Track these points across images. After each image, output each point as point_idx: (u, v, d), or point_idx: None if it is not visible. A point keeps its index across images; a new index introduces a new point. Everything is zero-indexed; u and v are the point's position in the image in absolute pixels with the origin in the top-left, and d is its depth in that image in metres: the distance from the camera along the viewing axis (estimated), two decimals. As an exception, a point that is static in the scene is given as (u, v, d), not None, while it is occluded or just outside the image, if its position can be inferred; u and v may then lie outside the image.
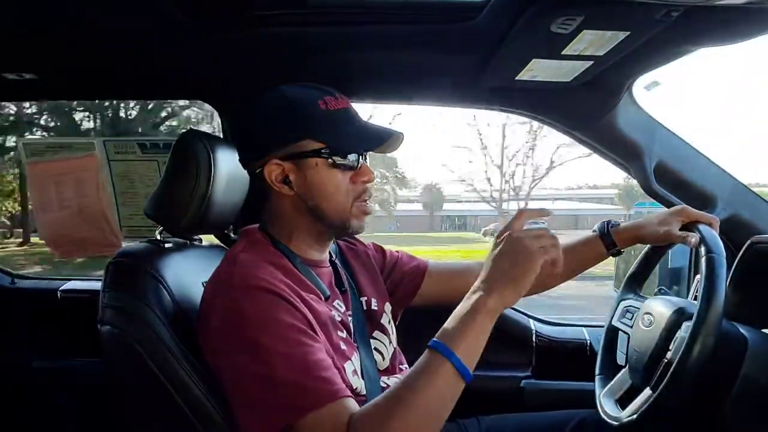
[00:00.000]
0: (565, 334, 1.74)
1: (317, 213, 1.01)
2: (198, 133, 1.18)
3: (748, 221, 1.42)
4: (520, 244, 0.86)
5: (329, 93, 1.02)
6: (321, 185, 1.00)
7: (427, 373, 0.83)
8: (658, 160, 1.46)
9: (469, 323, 0.85)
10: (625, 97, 1.42)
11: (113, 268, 1.07)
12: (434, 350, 0.84)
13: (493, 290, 0.85)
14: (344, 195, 1.01)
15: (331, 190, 1.00)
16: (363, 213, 1.04)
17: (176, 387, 0.98)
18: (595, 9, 0.97)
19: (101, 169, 1.76)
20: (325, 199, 1.01)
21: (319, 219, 1.02)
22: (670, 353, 0.96)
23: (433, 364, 0.83)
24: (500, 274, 0.86)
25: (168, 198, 1.16)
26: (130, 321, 1.00)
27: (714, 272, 0.93)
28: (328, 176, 1.00)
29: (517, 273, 0.84)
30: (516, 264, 0.85)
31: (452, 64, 1.39)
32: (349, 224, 1.03)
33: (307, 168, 1.00)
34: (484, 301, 0.85)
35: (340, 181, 1.01)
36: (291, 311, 0.90)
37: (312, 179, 1.00)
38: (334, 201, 1.01)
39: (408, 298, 1.28)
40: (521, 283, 0.84)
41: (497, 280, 0.85)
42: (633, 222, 1.19)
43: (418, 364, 0.85)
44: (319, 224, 1.03)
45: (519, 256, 0.85)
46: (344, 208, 1.02)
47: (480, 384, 1.67)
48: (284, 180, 1.00)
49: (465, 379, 0.84)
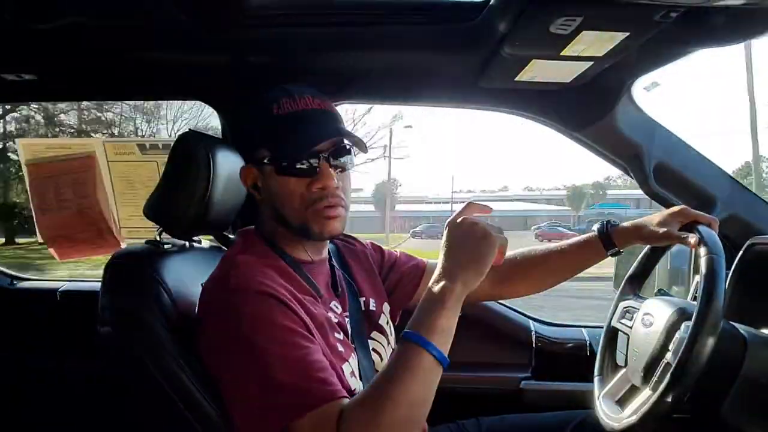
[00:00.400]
0: (564, 334, 1.74)
1: (280, 218, 1.02)
2: (197, 135, 1.18)
3: (747, 221, 1.42)
4: (475, 230, 0.89)
5: (289, 93, 1.00)
6: (276, 192, 1.01)
7: (407, 365, 0.84)
8: (658, 161, 1.46)
9: (439, 312, 0.86)
10: (625, 97, 1.42)
11: (112, 270, 1.07)
12: (410, 341, 0.85)
13: (456, 277, 0.87)
14: (298, 201, 0.99)
15: (285, 196, 1.00)
16: (324, 217, 1.00)
17: (174, 388, 0.98)
18: (594, 10, 0.97)
19: (100, 170, 1.76)
20: (282, 205, 1.01)
21: (283, 224, 1.03)
22: (670, 354, 0.96)
23: (412, 354, 0.84)
24: (461, 260, 0.88)
25: (167, 199, 1.16)
26: (128, 322, 1.00)
27: (713, 273, 0.93)
28: (280, 183, 1.00)
29: (476, 257, 0.88)
30: (474, 249, 0.88)
31: (451, 65, 1.39)
32: (309, 229, 1.01)
33: (266, 175, 1.01)
34: (451, 289, 0.87)
35: (293, 187, 0.99)
36: (288, 314, 0.90)
37: (270, 185, 1.01)
38: (288, 207, 1.00)
39: (406, 298, 1.28)
40: (481, 268, 0.88)
41: (459, 267, 0.88)
42: (632, 222, 1.19)
43: (396, 357, 0.86)
44: (286, 228, 1.03)
45: (475, 241, 0.88)
46: (299, 214, 1.00)
47: (480, 385, 1.70)
48: (254, 185, 1.03)
49: (442, 364, 0.85)
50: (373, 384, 0.86)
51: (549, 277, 1.29)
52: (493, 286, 1.27)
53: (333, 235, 1.03)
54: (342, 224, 1.03)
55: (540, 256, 1.28)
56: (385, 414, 0.80)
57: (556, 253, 1.26)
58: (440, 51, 1.33)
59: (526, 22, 1.06)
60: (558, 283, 1.29)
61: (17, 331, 1.87)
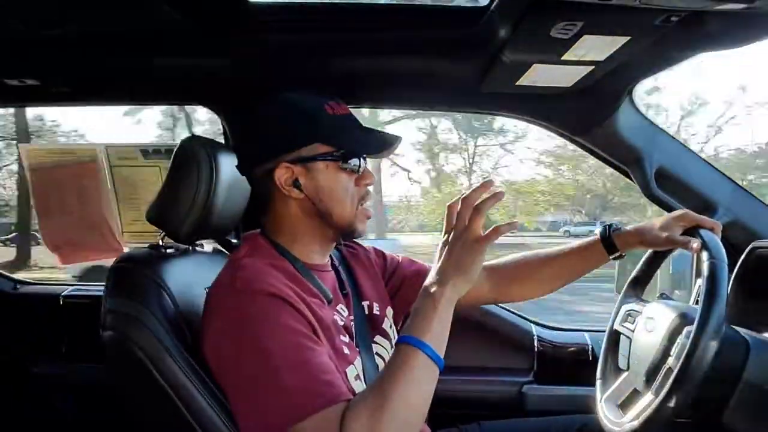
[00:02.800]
0: (566, 338, 1.74)
1: (326, 216, 1.03)
2: (200, 139, 1.19)
3: (749, 226, 1.42)
4: (466, 235, 0.91)
5: (332, 99, 1.05)
6: (330, 188, 1.02)
7: (405, 367, 0.85)
8: (659, 165, 1.46)
9: (432, 316, 0.89)
10: (626, 102, 1.42)
11: (115, 274, 1.08)
12: (407, 344, 0.87)
13: (446, 282, 0.90)
14: (351, 198, 1.04)
15: (340, 192, 1.03)
16: (365, 216, 1.07)
17: (178, 392, 0.98)
18: (595, 14, 0.97)
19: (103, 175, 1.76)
20: (334, 201, 1.03)
21: (327, 222, 1.04)
22: (672, 358, 0.96)
23: (408, 356, 0.86)
24: (451, 267, 0.91)
25: (170, 203, 1.16)
26: (132, 326, 1.00)
27: (716, 277, 0.93)
28: (336, 179, 1.02)
29: (464, 264, 0.90)
30: (463, 253, 0.90)
31: (453, 70, 1.39)
32: (354, 227, 1.05)
33: (317, 171, 1.02)
34: (442, 293, 0.89)
35: (346, 183, 1.03)
36: (294, 315, 0.90)
37: (322, 182, 1.02)
38: (343, 204, 1.03)
39: (409, 302, 1.27)
40: (470, 274, 0.90)
41: (449, 273, 0.91)
42: (635, 226, 1.19)
43: (394, 360, 0.88)
44: (326, 227, 1.05)
45: (465, 245, 0.90)
46: (351, 210, 1.04)
47: (481, 389, 1.70)
48: (294, 183, 1.02)
49: (438, 365, 0.88)
50: (372, 386, 0.87)
51: (551, 281, 1.29)
52: (493, 290, 1.27)
53: (364, 234, 1.08)
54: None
55: (542, 260, 1.28)
56: (384, 415, 0.81)
57: (559, 257, 1.26)
58: (441, 56, 1.33)
59: (526, 27, 1.06)
60: (560, 286, 1.29)
61: (20, 335, 1.88)
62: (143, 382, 0.99)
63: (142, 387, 1.01)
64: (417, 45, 1.32)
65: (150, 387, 0.98)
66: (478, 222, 0.91)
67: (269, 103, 1.05)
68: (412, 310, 0.92)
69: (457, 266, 0.90)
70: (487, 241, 0.90)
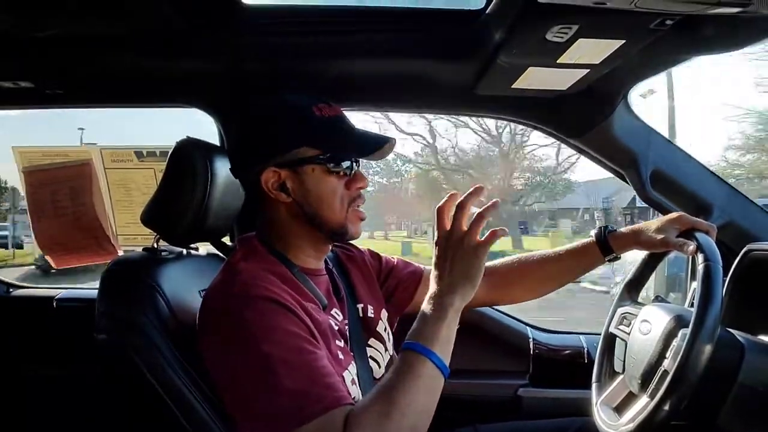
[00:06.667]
0: (562, 341, 1.74)
1: (315, 220, 1.02)
2: (195, 142, 1.18)
3: (744, 228, 1.43)
4: (465, 243, 0.91)
5: (322, 100, 1.03)
6: (318, 192, 1.01)
7: (411, 373, 0.85)
8: (654, 168, 1.46)
9: (439, 324, 0.89)
10: (621, 105, 1.42)
11: (109, 277, 1.07)
12: (413, 351, 0.87)
13: (455, 291, 0.91)
14: (340, 201, 1.03)
15: (329, 196, 1.01)
16: (358, 218, 1.06)
17: (172, 395, 0.98)
18: (590, 18, 0.97)
19: (97, 177, 1.75)
20: (322, 205, 1.01)
21: (317, 226, 1.03)
22: (667, 361, 0.96)
23: (416, 363, 0.86)
24: (457, 275, 0.91)
25: (165, 206, 1.16)
26: (126, 330, 1.00)
27: (711, 280, 0.93)
28: (325, 183, 1.01)
29: (469, 271, 0.91)
30: (467, 262, 0.91)
31: (448, 73, 1.39)
32: (346, 230, 1.04)
33: (304, 175, 1.00)
34: (450, 301, 0.90)
35: (336, 187, 1.02)
36: (292, 319, 0.89)
37: (309, 186, 1.01)
38: (331, 207, 1.02)
39: (404, 304, 1.28)
40: (475, 280, 0.91)
41: (456, 282, 0.91)
42: (630, 228, 1.19)
43: (400, 366, 0.87)
44: (316, 231, 1.03)
45: (468, 252, 0.91)
46: (341, 213, 1.03)
47: (477, 392, 1.69)
48: (281, 187, 1.01)
49: (444, 373, 0.88)
50: (378, 391, 0.86)
51: (546, 283, 1.29)
52: (489, 292, 1.27)
53: (358, 236, 1.07)
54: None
55: (537, 262, 1.28)
56: (391, 422, 0.81)
57: (553, 259, 1.26)
58: (436, 59, 1.33)
59: (522, 30, 1.07)
60: (555, 289, 1.29)
61: (13, 339, 1.86)
62: (137, 386, 0.99)
63: (136, 390, 1.01)
64: (412, 48, 1.32)
65: (144, 390, 0.98)
66: (478, 228, 0.91)
67: (257, 105, 1.04)
68: (419, 315, 0.92)
69: (463, 274, 0.91)
70: (487, 246, 0.90)
